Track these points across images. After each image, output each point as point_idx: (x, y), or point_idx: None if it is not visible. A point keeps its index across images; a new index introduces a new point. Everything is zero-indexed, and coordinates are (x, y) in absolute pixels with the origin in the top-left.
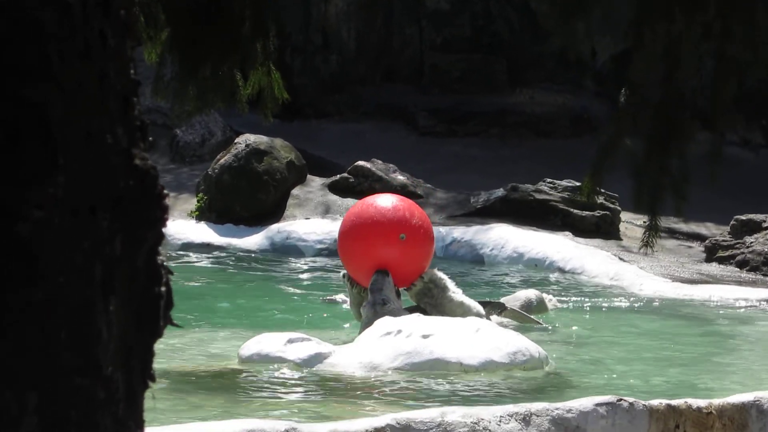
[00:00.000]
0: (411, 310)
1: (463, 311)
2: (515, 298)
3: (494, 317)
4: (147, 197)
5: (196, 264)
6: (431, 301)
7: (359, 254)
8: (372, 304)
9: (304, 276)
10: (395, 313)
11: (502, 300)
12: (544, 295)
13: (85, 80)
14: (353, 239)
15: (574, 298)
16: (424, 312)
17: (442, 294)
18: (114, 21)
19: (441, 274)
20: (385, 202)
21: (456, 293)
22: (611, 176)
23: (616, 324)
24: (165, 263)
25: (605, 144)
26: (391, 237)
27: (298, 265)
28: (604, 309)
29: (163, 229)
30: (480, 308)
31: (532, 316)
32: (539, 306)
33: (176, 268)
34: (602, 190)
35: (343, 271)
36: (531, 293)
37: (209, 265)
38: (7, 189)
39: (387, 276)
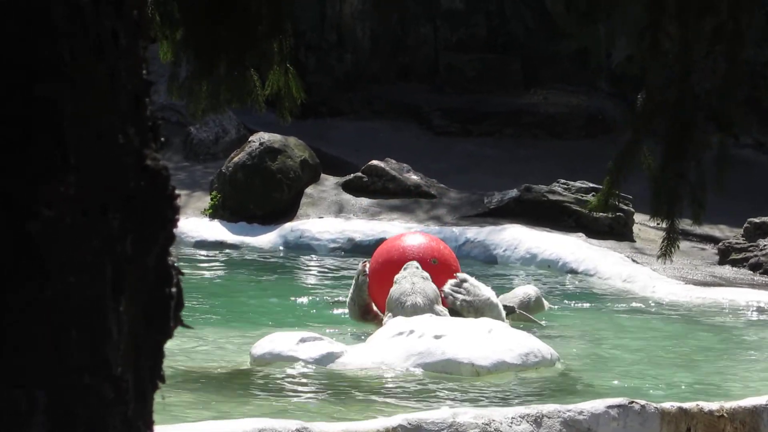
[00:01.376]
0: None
1: (495, 310)
2: (513, 295)
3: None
4: (158, 197)
5: (209, 262)
6: (467, 297)
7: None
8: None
9: (317, 275)
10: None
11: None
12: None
13: (96, 79)
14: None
15: (586, 300)
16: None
17: (476, 290)
18: (126, 20)
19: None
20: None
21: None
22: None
23: (629, 326)
24: (176, 264)
25: (622, 152)
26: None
27: (312, 264)
28: (616, 311)
29: (174, 230)
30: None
31: (534, 319)
32: (537, 303)
33: (189, 266)
34: (616, 192)
35: (365, 268)
36: (530, 290)
37: (222, 264)
38: (18, 186)
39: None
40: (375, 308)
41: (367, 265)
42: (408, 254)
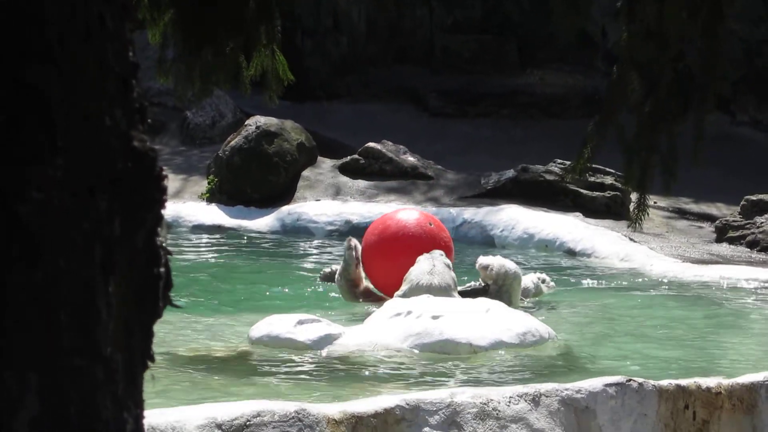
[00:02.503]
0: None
1: (519, 282)
2: None
3: None
4: (145, 179)
5: (206, 246)
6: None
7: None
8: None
9: (315, 257)
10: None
11: None
12: (543, 277)
13: (84, 62)
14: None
15: (584, 279)
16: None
17: (505, 262)
18: (112, 3)
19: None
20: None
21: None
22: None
23: (626, 304)
24: (164, 244)
25: (594, 122)
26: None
27: (309, 246)
28: (614, 289)
29: (162, 211)
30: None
31: (525, 300)
32: (537, 291)
33: (187, 250)
34: (612, 171)
35: (354, 242)
36: (529, 280)
37: (220, 247)
38: (7, 170)
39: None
40: (367, 283)
41: (353, 241)
42: (405, 225)
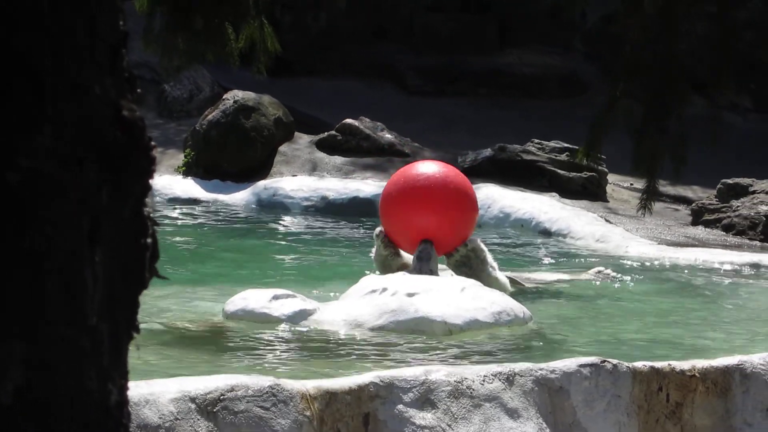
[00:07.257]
0: None
1: (497, 287)
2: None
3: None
4: (134, 148)
5: (182, 219)
6: (468, 272)
7: (402, 220)
8: (419, 272)
9: (290, 233)
10: None
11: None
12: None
13: (74, 30)
14: (398, 204)
15: (559, 260)
16: None
17: (480, 266)
18: None
19: (483, 246)
20: (428, 169)
21: (494, 269)
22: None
23: (601, 286)
24: (151, 215)
25: (603, 107)
26: (436, 205)
27: (284, 221)
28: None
29: (150, 181)
30: (508, 284)
31: (521, 281)
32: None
33: (162, 224)
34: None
35: (379, 229)
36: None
37: (195, 221)
38: None
39: (432, 246)
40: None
41: (380, 237)
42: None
